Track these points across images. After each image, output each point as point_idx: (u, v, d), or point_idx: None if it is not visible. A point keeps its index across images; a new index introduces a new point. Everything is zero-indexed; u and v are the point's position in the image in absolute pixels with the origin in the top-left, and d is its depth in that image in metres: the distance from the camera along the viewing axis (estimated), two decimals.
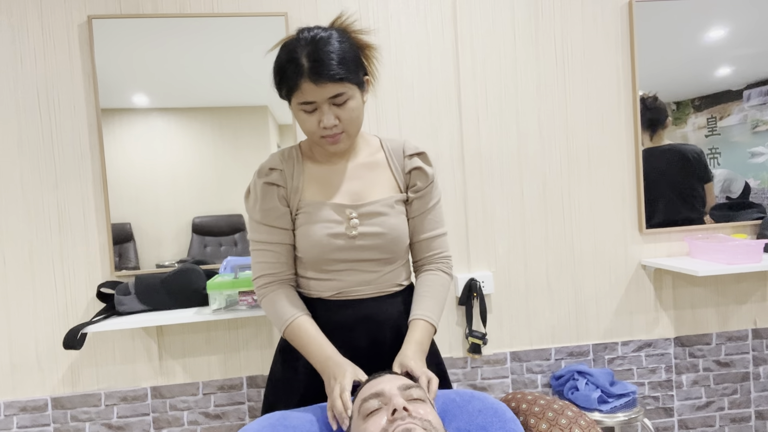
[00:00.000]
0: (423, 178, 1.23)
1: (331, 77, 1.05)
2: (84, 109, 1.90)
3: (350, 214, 1.16)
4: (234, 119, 1.96)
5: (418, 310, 1.20)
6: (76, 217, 1.91)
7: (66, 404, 1.92)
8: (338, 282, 1.19)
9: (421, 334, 1.16)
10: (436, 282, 1.24)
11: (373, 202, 1.18)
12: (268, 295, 1.19)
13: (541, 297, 2.12)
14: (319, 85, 1.06)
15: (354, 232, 1.15)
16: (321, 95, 1.07)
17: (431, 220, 1.25)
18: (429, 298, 1.22)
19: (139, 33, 1.89)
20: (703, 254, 2.01)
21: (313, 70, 1.05)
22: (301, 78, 1.06)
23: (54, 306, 1.91)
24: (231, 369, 2.00)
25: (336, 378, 1.04)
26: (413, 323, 1.18)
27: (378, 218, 1.17)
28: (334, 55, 1.06)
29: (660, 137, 2.12)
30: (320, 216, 1.16)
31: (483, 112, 2.07)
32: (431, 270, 1.26)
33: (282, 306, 1.17)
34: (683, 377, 2.19)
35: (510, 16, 2.07)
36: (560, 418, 1.06)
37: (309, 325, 1.15)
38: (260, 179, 1.18)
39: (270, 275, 1.19)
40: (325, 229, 1.15)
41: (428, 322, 1.18)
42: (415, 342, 1.14)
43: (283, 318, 1.16)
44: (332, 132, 1.11)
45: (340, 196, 1.18)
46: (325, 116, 1.09)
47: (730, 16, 2.12)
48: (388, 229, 1.17)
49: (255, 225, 1.19)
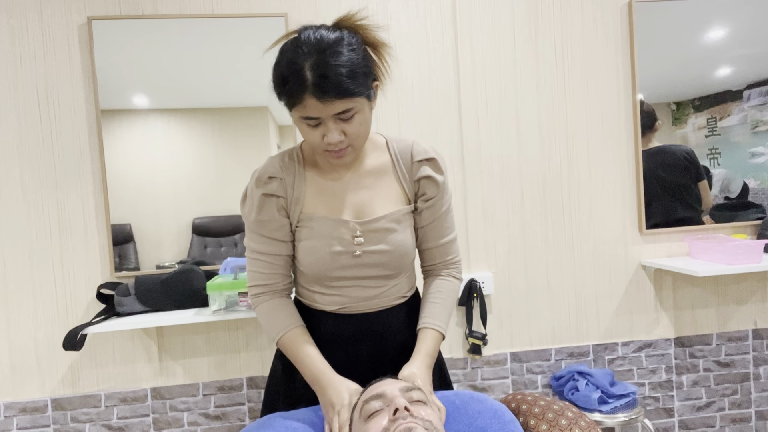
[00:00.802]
0: (433, 188, 1.15)
1: (339, 94, 0.95)
2: (84, 109, 1.90)
3: (355, 231, 1.10)
4: (234, 120, 1.96)
5: (428, 318, 1.16)
6: (76, 218, 1.91)
7: (66, 405, 1.92)
8: (342, 297, 1.14)
9: (430, 345, 1.13)
10: (446, 288, 1.20)
11: (379, 219, 1.11)
12: (262, 305, 1.15)
13: (541, 297, 2.12)
14: (324, 102, 0.95)
15: (358, 252, 1.10)
16: (326, 112, 0.97)
17: (442, 226, 1.19)
18: (439, 305, 1.18)
19: (138, 34, 1.90)
20: (703, 254, 2.01)
21: (318, 87, 0.94)
22: (304, 93, 0.95)
23: (54, 307, 1.91)
24: (231, 370, 2.00)
25: (334, 406, 1.00)
26: (423, 332, 1.15)
27: (384, 235, 1.11)
28: (343, 69, 0.94)
29: (649, 140, 2.12)
30: (323, 232, 1.10)
31: (483, 112, 2.07)
32: (442, 276, 1.22)
33: (274, 317, 1.13)
34: (683, 378, 2.19)
35: (510, 16, 2.07)
36: (560, 418, 1.06)
37: (302, 338, 1.11)
38: (258, 189, 1.10)
39: (264, 285, 1.15)
40: (328, 247, 1.09)
41: (437, 331, 1.15)
42: (423, 354, 1.11)
43: (275, 330, 1.12)
44: (337, 147, 1.02)
45: (345, 211, 1.11)
46: (330, 133, 1.00)
47: (730, 16, 2.12)
48: (394, 247, 1.12)
49: (251, 234, 1.13)
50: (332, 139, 1.00)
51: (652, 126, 2.12)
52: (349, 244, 1.09)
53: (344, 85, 0.95)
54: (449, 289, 1.21)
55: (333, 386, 1.03)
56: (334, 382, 1.04)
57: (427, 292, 1.21)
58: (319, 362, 1.08)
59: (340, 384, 1.04)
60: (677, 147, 2.13)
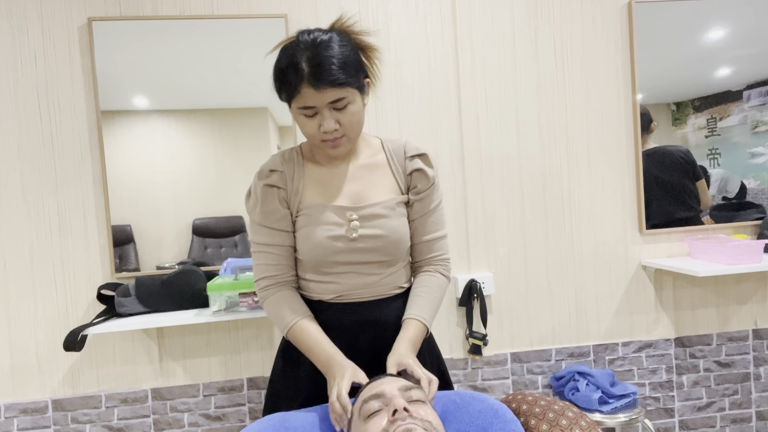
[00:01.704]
0: (424, 181, 1.22)
1: (332, 82, 1.04)
2: (84, 110, 1.90)
3: (351, 216, 1.15)
4: (234, 121, 1.96)
5: (412, 309, 1.19)
6: (76, 218, 1.91)
7: (66, 406, 1.92)
8: (338, 285, 1.18)
9: (414, 333, 1.15)
10: (432, 283, 1.24)
11: (374, 204, 1.17)
12: (270, 298, 1.19)
13: (541, 298, 2.12)
14: (319, 90, 1.05)
15: (354, 234, 1.15)
16: (321, 100, 1.06)
17: (432, 222, 1.24)
18: (424, 298, 1.21)
19: (139, 35, 1.90)
20: (703, 255, 2.01)
21: (313, 75, 1.04)
22: (301, 83, 1.05)
23: (54, 308, 1.91)
24: (231, 370, 2.00)
25: (335, 378, 1.05)
26: (406, 322, 1.18)
27: (379, 220, 1.16)
28: (335, 60, 1.05)
29: (645, 142, 2.13)
30: (321, 218, 1.15)
31: (483, 113, 2.07)
32: (429, 271, 1.26)
33: (284, 309, 1.17)
34: (684, 378, 2.19)
35: (509, 16, 2.07)
36: (561, 419, 1.06)
37: (311, 327, 1.15)
38: (260, 181, 1.17)
39: (271, 277, 1.19)
40: (325, 232, 1.14)
41: (421, 322, 1.17)
42: (407, 340, 1.14)
43: (285, 321, 1.16)
44: (333, 136, 1.10)
45: (341, 198, 1.18)
46: (325, 121, 1.08)
47: (729, 16, 2.12)
48: (389, 232, 1.17)
49: (256, 227, 1.19)
50: (328, 126, 1.08)
51: (648, 127, 2.12)
52: (345, 229, 1.15)
53: (336, 74, 1.04)
54: (434, 284, 1.24)
55: (341, 366, 1.08)
56: (343, 363, 1.09)
57: (414, 287, 1.25)
58: (329, 348, 1.13)
59: (346, 361, 1.10)
60: (674, 147, 2.13)
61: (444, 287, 1.26)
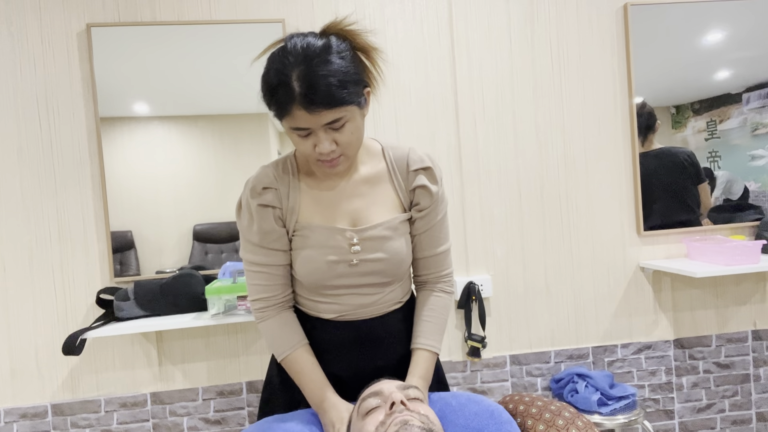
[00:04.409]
0: (427, 198, 1.13)
1: (328, 104, 0.93)
2: (83, 117, 1.92)
3: (351, 239, 1.07)
4: (234, 127, 1.97)
5: (421, 338, 1.15)
6: (75, 224, 1.92)
7: (66, 410, 1.93)
8: (338, 306, 1.13)
9: (424, 368, 1.13)
10: (438, 305, 1.19)
11: (376, 226, 1.09)
12: (266, 321, 1.13)
13: (540, 300, 2.12)
14: (312, 113, 0.93)
15: (355, 260, 1.08)
16: (315, 123, 0.95)
17: (435, 237, 1.17)
18: (432, 324, 1.17)
19: (137, 41, 1.91)
20: (701, 256, 2.01)
21: (306, 98, 0.92)
22: (292, 104, 0.93)
23: (54, 312, 1.91)
24: (230, 374, 2.01)
25: (334, 425, 1.03)
26: (417, 353, 1.14)
27: (380, 243, 1.09)
28: (332, 78, 0.92)
29: (650, 142, 2.13)
30: (319, 241, 1.08)
31: (480, 116, 2.08)
32: (433, 291, 1.20)
33: (278, 337, 1.12)
34: (683, 379, 2.18)
35: (506, 20, 2.08)
36: (557, 419, 1.06)
37: (306, 360, 1.11)
38: (254, 200, 1.08)
39: (267, 299, 1.13)
40: (324, 256, 1.07)
41: (432, 352, 1.15)
42: (420, 377, 1.11)
43: (280, 349, 1.12)
44: (329, 157, 1.00)
45: (340, 219, 1.09)
46: (321, 143, 0.98)
47: (727, 19, 2.13)
48: (391, 254, 1.10)
49: (250, 246, 1.10)
50: (323, 149, 0.98)
51: (654, 127, 2.12)
52: (345, 253, 1.07)
53: (333, 95, 0.92)
54: (440, 306, 1.20)
55: (336, 408, 1.05)
56: (337, 405, 1.06)
57: (420, 309, 1.20)
58: (322, 385, 1.09)
59: (341, 404, 1.06)
60: (679, 149, 2.14)
61: (449, 307, 1.22)
